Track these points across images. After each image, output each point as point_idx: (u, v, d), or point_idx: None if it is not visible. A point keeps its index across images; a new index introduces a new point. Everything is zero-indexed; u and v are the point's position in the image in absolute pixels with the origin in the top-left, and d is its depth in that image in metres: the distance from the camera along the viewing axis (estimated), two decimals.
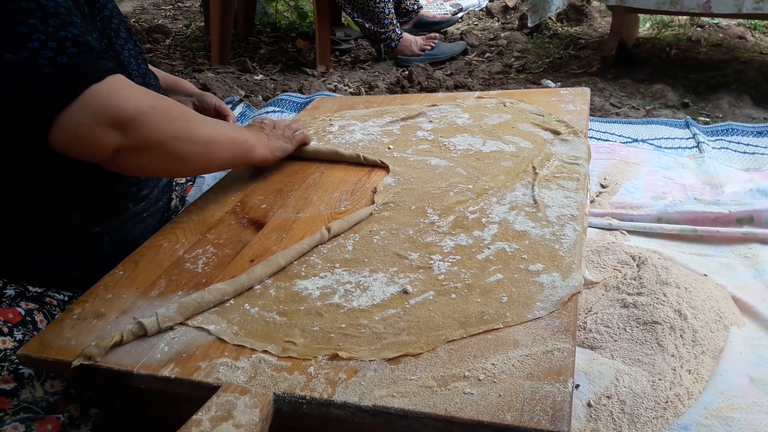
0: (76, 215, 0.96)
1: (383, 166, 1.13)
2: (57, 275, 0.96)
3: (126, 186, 1.02)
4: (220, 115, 1.31)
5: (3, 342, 0.83)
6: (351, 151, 1.18)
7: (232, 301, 0.80)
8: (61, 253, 0.95)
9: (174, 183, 1.23)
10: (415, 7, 3.21)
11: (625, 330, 1.08)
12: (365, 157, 1.16)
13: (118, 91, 0.81)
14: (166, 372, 0.69)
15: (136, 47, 1.09)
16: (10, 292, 0.90)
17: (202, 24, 3.72)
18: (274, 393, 0.65)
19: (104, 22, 0.99)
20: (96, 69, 0.80)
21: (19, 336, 0.84)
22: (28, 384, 0.82)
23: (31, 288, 0.93)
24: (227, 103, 2.15)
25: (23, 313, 0.88)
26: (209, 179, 1.31)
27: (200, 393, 0.66)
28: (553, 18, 3.17)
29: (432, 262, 0.83)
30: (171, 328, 0.75)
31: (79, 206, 0.96)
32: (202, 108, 1.31)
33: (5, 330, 0.84)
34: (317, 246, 0.90)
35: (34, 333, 0.85)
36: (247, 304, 0.79)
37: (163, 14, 4.36)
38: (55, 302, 0.93)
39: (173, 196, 1.20)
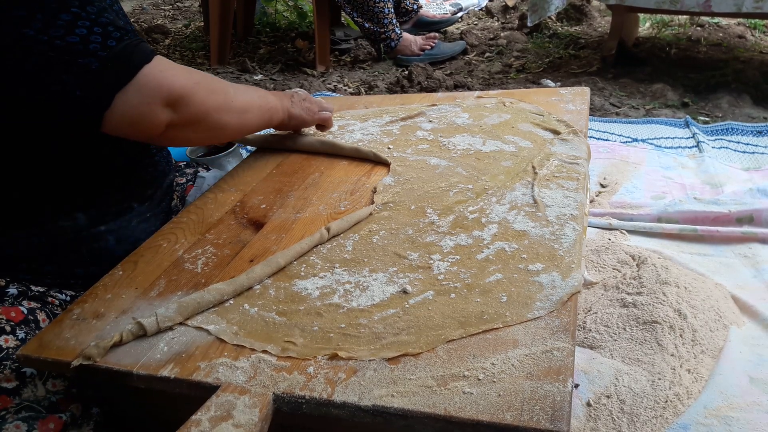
0: (82, 214, 0.96)
1: (382, 162, 1.14)
2: (62, 273, 0.96)
3: (131, 186, 1.03)
4: None
5: (5, 340, 0.83)
6: (350, 144, 1.21)
7: (231, 301, 0.80)
8: (66, 250, 0.96)
9: (175, 183, 1.23)
10: (415, 6, 3.21)
11: (624, 329, 1.08)
12: (360, 150, 1.17)
13: (168, 70, 0.87)
14: (165, 372, 0.69)
15: None
16: (12, 290, 0.90)
17: (202, 24, 3.72)
18: (274, 393, 0.65)
19: None
20: (144, 50, 0.85)
21: (21, 335, 0.84)
22: (30, 383, 0.82)
23: (33, 287, 0.93)
24: None
25: (25, 311, 0.88)
26: (209, 179, 1.31)
27: (200, 393, 0.66)
28: (552, 17, 3.17)
29: (431, 261, 0.83)
30: (170, 328, 0.75)
31: (85, 205, 0.96)
32: None
33: (7, 329, 0.85)
34: (317, 246, 0.90)
35: (36, 332, 0.85)
36: (246, 304, 0.79)
37: (163, 14, 4.36)
38: (57, 302, 0.93)
39: (174, 197, 1.21)
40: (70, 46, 0.78)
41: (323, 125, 1.27)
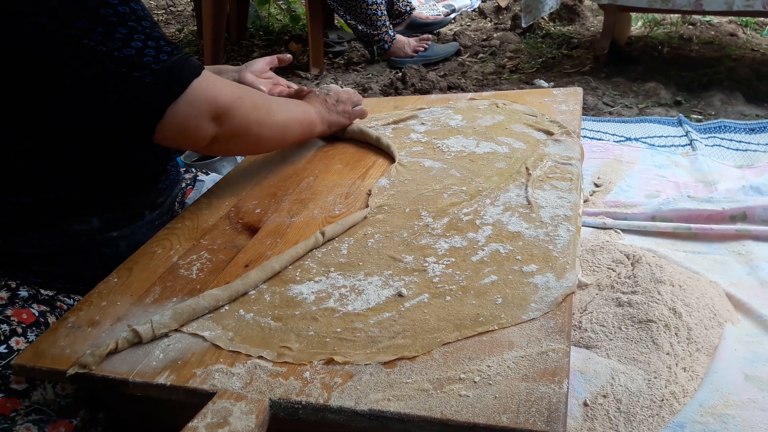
0: (96, 219, 0.98)
1: (390, 157, 1.18)
2: (72, 276, 0.97)
3: (146, 194, 1.06)
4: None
5: (16, 342, 0.84)
6: (374, 133, 1.25)
7: (227, 307, 0.80)
8: (78, 253, 0.97)
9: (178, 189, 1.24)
10: (408, 8, 3.21)
11: (620, 329, 1.08)
12: (381, 140, 1.22)
13: (215, 84, 0.91)
14: (161, 379, 0.69)
15: None
16: (23, 293, 0.91)
17: (195, 28, 3.72)
18: (270, 399, 0.65)
19: None
20: (193, 65, 0.89)
21: (32, 337, 0.84)
22: (39, 385, 0.82)
23: (43, 291, 0.93)
24: None
25: (37, 314, 0.88)
26: (208, 183, 1.30)
27: (196, 400, 0.66)
28: (545, 18, 3.18)
29: (426, 264, 0.83)
30: (166, 335, 0.75)
31: (100, 211, 0.98)
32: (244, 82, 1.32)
33: (19, 330, 0.85)
34: (312, 250, 0.90)
35: None
36: (242, 310, 0.79)
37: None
38: (65, 307, 0.94)
39: (176, 201, 1.21)
40: (127, 58, 0.82)
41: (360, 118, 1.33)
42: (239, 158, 1.71)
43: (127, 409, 0.83)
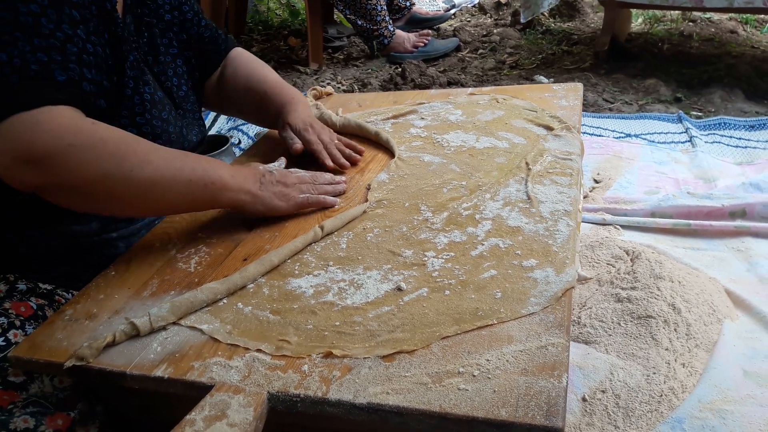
0: (96, 221, 0.97)
1: (390, 152, 1.16)
2: (71, 276, 0.97)
3: None
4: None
5: (14, 335, 0.84)
6: (374, 128, 1.23)
7: (225, 300, 0.79)
8: (77, 254, 0.97)
9: None
10: (408, 3, 3.21)
11: (619, 324, 1.08)
12: (380, 134, 1.20)
13: (41, 124, 0.75)
14: (159, 372, 0.69)
15: (186, 65, 1.12)
16: (21, 286, 0.91)
17: None
18: (268, 392, 0.64)
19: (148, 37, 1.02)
20: (34, 96, 0.75)
21: (30, 330, 0.85)
22: (37, 378, 0.82)
23: (41, 285, 0.93)
24: None
25: (35, 307, 0.88)
26: None
27: (194, 393, 0.66)
28: (545, 14, 3.17)
29: (426, 258, 0.83)
30: (164, 328, 0.75)
31: (98, 215, 0.96)
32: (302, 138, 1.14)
33: (17, 323, 0.85)
34: (311, 244, 0.89)
35: None
36: (240, 303, 0.78)
37: None
38: (63, 300, 0.94)
39: None
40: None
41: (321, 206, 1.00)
42: (237, 153, 1.71)
43: (125, 402, 0.82)
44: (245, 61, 1.22)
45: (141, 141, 0.84)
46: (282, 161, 1.08)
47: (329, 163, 1.10)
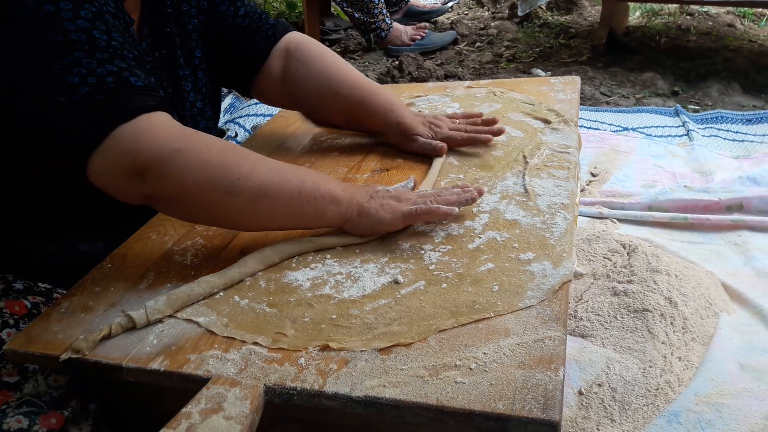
0: (102, 242, 0.95)
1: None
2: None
3: (151, 215, 1.01)
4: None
5: (8, 334, 0.83)
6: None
7: (221, 293, 0.79)
8: (80, 270, 0.93)
9: None
10: None
11: (615, 318, 1.08)
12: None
13: (144, 132, 0.74)
14: (155, 365, 0.68)
15: (206, 76, 1.08)
16: (18, 286, 0.90)
17: None
18: (265, 384, 0.64)
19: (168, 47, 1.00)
20: (128, 107, 0.75)
21: (24, 329, 0.84)
22: (31, 377, 0.82)
23: (40, 284, 0.92)
24: None
25: (29, 306, 0.88)
26: None
27: (190, 385, 0.66)
28: (543, 7, 3.16)
29: (423, 252, 0.82)
30: (160, 321, 0.75)
31: (107, 234, 0.95)
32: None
33: (11, 322, 0.85)
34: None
35: None
36: (237, 296, 0.78)
37: None
38: (59, 298, 0.93)
39: None
40: (55, 97, 0.73)
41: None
42: None
43: (120, 397, 0.82)
44: (318, 54, 1.13)
45: (248, 151, 0.82)
46: (411, 180, 0.98)
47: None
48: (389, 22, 2.81)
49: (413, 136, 1.09)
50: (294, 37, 1.14)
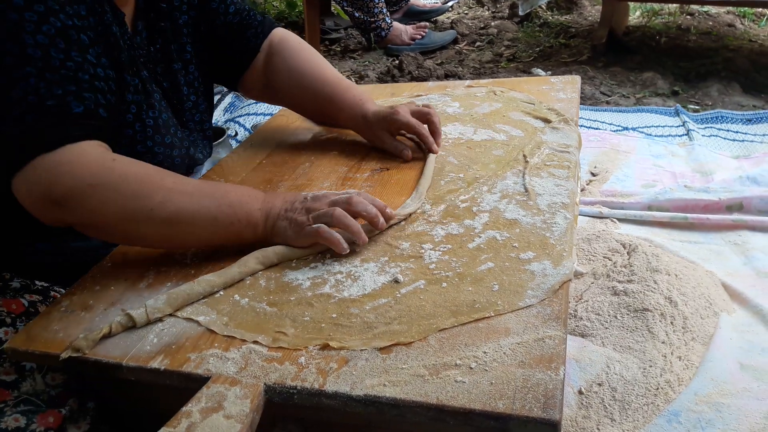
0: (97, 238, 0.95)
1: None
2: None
3: None
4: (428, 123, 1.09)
5: (5, 333, 0.83)
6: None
7: (221, 292, 0.79)
8: (78, 267, 0.93)
9: None
10: None
11: (615, 317, 1.08)
12: None
13: (61, 165, 0.74)
14: (155, 364, 0.68)
15: (198, 70, 1.08)
16: (15, 284, 0.90)
17: None
18: (265, 383, 0.64)
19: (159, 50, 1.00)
20: (54, 136, 0.75)
21: (21, 327, 0.84)
22: (29, 376, 0.81)
23: (37, 282, 0.92)
24: (215, 94, 2.11)
25: (26, 304, 0.88)
26: (204, 167, 1.26)
27: (190, 384, 0.66)
28: (543, 6, 3.16)
29: (423, 251, 0.82)
30: (160, 320, 0.75)
31: None
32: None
33: (8, 321, 0.85)
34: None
35: None
36: (237, 295, 0.78)
37: None
38: (59, 296, 0.93)
39: None
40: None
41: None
42: (234, 144, 1.70)
43: (120, 396, 0.82)
44: (295, 50, 1.15)
45: (168, 175, 0.82)
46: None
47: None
48: (389, 21, 2.81)
49: (380, 133, 1.10)
50: (279, 32, 1.17)
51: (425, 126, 1.08)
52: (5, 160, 0.75)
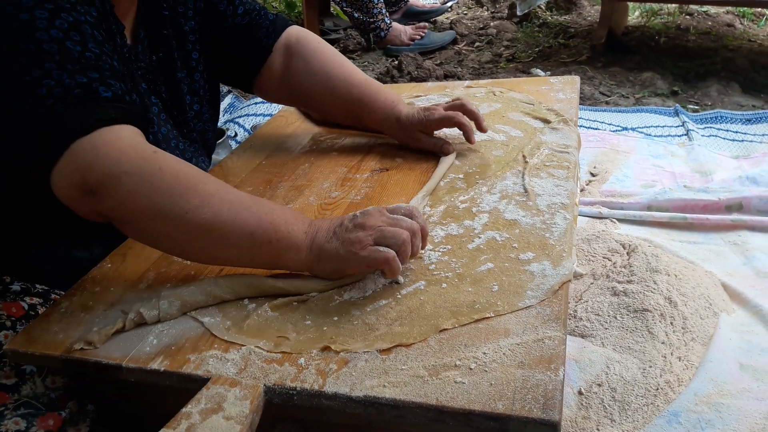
0: (99, 247, 0.93)
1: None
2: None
3: None
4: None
5: (5, 336, 0.83)
6: None
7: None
8: (77, 275, 0.92)
9: None
10: None
11: (615, 318, 1.08)
12: None
13: (98, 148, 0.70)
14: (155, 365, 0.68)
15: (203, 77, 1.07)
16: (15, 287, 0.90)
17: None
18: (265, 384, 0.64)
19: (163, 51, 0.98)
20: (87, 120, 0.71)
21: (21, 330, 0.83)
22: (29, 379, 0.81)
23: (37, 285, 0.92)
24: None
25: (26, 307, 0.87)
26: (214, 159, 1.23)
27: (190, 385, 0.66)
28: (542, 6, 3.16)
29: (423, 252, 0.82)
30: (159, 321, 0.75)
31: (103, 240, 0.94)
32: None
33: (8, 324, 0.84)
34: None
35: None
36: (245, 299, 0.78)
37: None
38: (59, 298, 0.93)
39: None
40: (23, 109, 0.71)
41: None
42: (234, 145, 1.70)
43: (119, 398, 0.82)
44: (317, 51, 1.12)
45: (212, 181, 0.75)
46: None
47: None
48: (388, 21, 2.81)
49: (415, 134, 1.09)
50: (294, 31, 1.14)
51: (464, 116, 1.05)
52: (40, 157, 0.71)
